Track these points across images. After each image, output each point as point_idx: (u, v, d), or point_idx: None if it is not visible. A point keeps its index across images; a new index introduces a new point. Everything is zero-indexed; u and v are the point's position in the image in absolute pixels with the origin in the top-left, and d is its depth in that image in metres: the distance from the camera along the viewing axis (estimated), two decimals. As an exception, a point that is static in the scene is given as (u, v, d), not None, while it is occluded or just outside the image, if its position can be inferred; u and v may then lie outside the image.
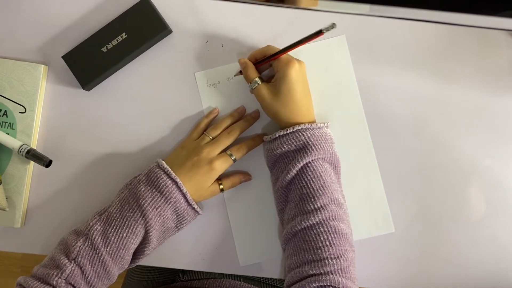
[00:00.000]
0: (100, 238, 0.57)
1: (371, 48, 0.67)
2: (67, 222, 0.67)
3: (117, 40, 0.65)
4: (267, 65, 0.65)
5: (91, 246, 0.57)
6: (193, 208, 0.62)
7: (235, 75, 0.67)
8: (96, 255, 0.57)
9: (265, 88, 0.62)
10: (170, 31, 0.68)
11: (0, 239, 0.68)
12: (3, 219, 0.67)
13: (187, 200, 0.61)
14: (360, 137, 0.67)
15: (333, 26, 0.51)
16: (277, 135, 0.61)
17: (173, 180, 0.60)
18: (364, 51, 0.67)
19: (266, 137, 0.63)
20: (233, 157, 0.64)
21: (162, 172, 0.60)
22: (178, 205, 0.60)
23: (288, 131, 0.60)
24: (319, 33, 0.54)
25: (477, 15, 0.37)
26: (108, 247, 0.57)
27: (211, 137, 0.65)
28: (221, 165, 0.62)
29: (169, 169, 0.60)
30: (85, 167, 0.68)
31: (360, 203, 0.65)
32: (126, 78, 0.69)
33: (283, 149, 0.60)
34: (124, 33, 0.65)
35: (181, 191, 0.60)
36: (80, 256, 0.56)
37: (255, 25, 0.68)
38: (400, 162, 0.66)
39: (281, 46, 0.62)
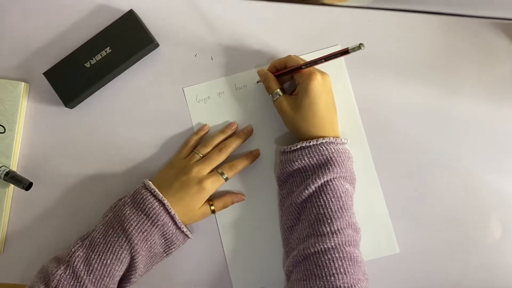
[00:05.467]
0: (82, 265, 0.55)
1: (368, 60, 0.66)
2: (48, 248, 0.66)
3: (101, 55, 0.65)
4: (289, 77, 0.64)
5: (72, 275, 0.55)
6: (183, 232, 0.60)
7: (257, 82, 0.66)
8: (78, 283, 0.55)
9: (286, 100, 0.60)
10: (157, 45, 0.67)
11: (-22, 268, 0.66)
12: (-20, 246, 0.64)
13: (175, 223, 0.59)
14: (359, 154, 0.65)
15: (360, 46, 0.50)
16: (298, 146, 0.58)
17: (160, 201, 0.58)
18: (361, 63, 0.66)
19: (283, 147, 0.61)
20: (225, 176, 0.62)
21: (148, 194, 0.58)
22: (166, 228, 0.58)
23: (310, 143, 0.58)
24: (345, 52, 0.53)
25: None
26: (91, 275, 0.55)
27: (201, 155, 0.63)
28: (212, 185, 0.61)
29: (156, 190, 0.59)
30: (67, 189, 0.67)
31: (363, 223, 0.63)
32: (111, 95, 0.67)
33: (303, 162, 0.58)
34: (109, 48, 0.65)
35: (169, 213, 0.58)
36: (60, 285, 0.54)
37: (245, 37, 0.67)
38: (402, 180, 0.65)
39: (285, 54, 0.63)
